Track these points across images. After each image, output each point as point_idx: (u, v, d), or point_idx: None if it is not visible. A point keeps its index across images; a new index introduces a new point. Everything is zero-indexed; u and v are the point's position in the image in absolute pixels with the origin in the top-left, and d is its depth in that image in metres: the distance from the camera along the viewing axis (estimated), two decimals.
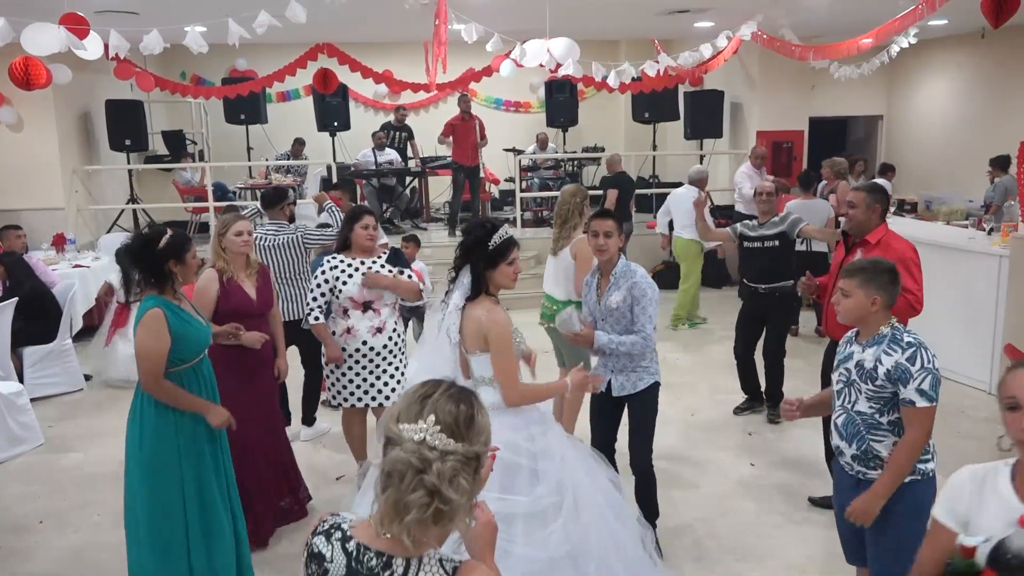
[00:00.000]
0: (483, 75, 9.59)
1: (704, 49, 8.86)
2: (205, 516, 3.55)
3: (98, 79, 10.22)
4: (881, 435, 2.92)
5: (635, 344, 3.88)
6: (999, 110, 10.36)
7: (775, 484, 5.03)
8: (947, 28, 10.33)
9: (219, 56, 11.02)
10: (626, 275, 3.95)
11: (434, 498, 1.51)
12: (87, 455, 5.70)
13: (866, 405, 2.93)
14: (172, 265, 3.46)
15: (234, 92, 10.01)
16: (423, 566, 1.57)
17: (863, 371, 2.91)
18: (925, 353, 2.82)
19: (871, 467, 2.95)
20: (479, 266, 3.30)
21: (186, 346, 3.47)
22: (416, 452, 1.52)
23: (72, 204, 9.89)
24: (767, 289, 5.88)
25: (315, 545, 1.65)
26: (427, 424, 1.54)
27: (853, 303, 2.95)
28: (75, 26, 5.45)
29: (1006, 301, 6.31)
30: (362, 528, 1.63)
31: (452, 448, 1.54)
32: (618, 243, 3.97)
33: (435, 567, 1.57)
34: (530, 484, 3.09)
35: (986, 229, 7.13)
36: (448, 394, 1.60)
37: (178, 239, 3.50)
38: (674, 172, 13.74)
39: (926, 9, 5.82)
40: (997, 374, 6.42)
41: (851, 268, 3.01)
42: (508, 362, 3.22)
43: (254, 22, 6.18)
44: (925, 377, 2.79)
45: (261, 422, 4.35)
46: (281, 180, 11.13)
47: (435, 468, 1.51)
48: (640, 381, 4.01)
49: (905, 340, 2.86)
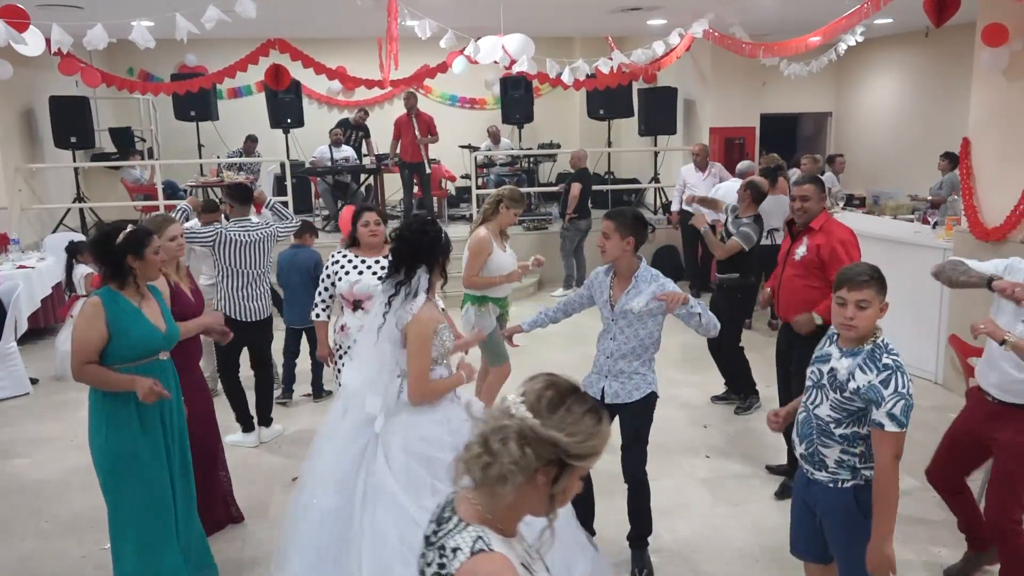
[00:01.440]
0: (438, 71, 9.55)
1: (657, 46, 8.94)
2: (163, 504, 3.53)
3: (41, 75, 9.96)
4: (831, 444, 2.91)
5: (710, 322, 3.77)
6: (942, 107, 10.64)
7: (730, 475, 5.11)
8: (892, 27, 10.58)
9: (167, 51, 10.79)
10: (649, 280, 3.80)
11: (484, 450, 1.62)
12: (34, 460, 5.55)
13: (827, 411, 2.91)
14: (131, 260, 3.40)
15: (183, 88, 9.83)
16: (465, 530, 1.65)
17: (835, 379, 2.88)
18: (900, 378, 2.75)
19: (817, 468, 2.96)
20: (440, 261, 3.31)
21: (127, 344, 3.39)
22: (501, 413, 1.65)
23: (16, 203, 9.62)
24: (719, 280, 6.27)
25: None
26: (515, 396, 1.66)
27: (870, 315, 2.85)
28: (14, 19, 5.29)
29: (950, 293, 6.48)
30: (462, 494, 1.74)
31: (522, 415, 1.62)
32: (623, 245, 3.76)
33: (469, 538, 1.64)
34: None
35: (931, 223, 7.31)
36: (553, 381, 1.69)
37: (138, 235, 3.44)
38: (628, 169, 13.86)
39: (871, 8, 5.94)
40: (943, 364, 6.60)
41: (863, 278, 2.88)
42: (422, 360, 3.24)
43: (202, 17, 6.06)
44: (897, 402, 2.72)
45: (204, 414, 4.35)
46: (234, 178, 10.96)
47: (500, 425, 1.63)
48: (636, 390, 3.87)
49: (883, 361, 2.78)
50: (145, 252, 3.44)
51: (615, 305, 3.83)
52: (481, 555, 1.61)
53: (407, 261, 3.32)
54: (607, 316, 3.90)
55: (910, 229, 7.43)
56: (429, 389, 3.28)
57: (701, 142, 10.36)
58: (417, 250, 3.31)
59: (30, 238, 9.53)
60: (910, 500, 4.71)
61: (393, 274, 3.35)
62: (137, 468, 3.45)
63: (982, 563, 3.94)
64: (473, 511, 1.67)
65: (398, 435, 3.21)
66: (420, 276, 3.30)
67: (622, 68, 9.20)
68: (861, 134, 12.62)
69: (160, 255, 3.55)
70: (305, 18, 8.69)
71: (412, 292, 3.29)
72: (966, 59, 6.69)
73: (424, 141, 10.58)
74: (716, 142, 11.06)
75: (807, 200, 4.59)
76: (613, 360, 3.86)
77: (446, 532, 1.67)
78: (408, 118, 10.62)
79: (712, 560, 4.17)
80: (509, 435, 1.61)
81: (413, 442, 3.17)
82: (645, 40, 9.56)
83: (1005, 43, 5.79)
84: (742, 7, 8.43)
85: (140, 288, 3.49)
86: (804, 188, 4.63)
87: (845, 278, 2.88)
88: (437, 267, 3.36)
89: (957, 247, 6.39)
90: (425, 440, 3.17)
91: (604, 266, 4.00)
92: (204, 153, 12.25)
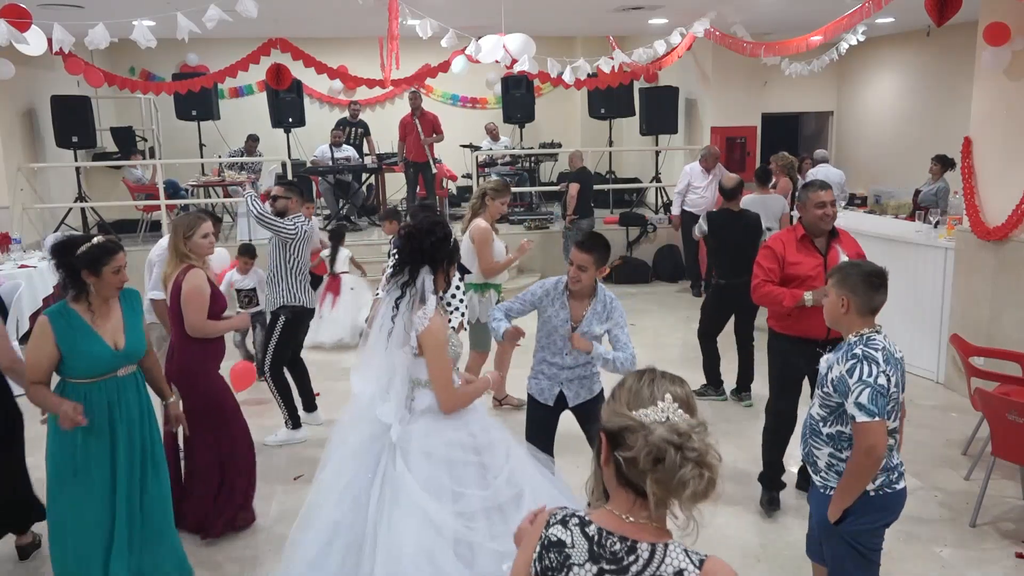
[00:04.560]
0: (439, 71, 9.55)
1: (658, 46, 8.94)
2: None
3: (42, 74, 9.96)
4: (819, 443, 2.95)
5: (625, 361, 3.79)
6: (944, 106, 10.62)
7: (731, 474, 5.10)
8: (894, 26, 10.56)
9: (169, 51, 10.83)
10: (604, 302, 3.91)
11: (703, 468, 1.52)
12: (33, 460, 5.52)
13: (817, 410, 2.96)
14: (86, 275, 3.33)
15: (185, 88, 9.82)
16: (668, 552, 1.57)
17: (822, 376, 2.92)
18: (867, 366, 2.73)
19: (813, 471, 3.01)
20: (444, 264, 3.21)
21: (79, 361, 3.35)
22: (671, 430, 1.54)
23: (17, 203, 9.62)
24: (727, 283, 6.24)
25: (552, 535, 1.65)
26: (666, 404, 1.57)
27: (828, 303, 2.97)
28: (16, 19, 5.30)
29: (951, 292, 6.48)
30: (603, 514, 1.64)
31: (696, 421, 1.57)
32: (594, 276, 3.86)
33: (681, 555, 1.57)
34: (481, 478, 3.05)
35: (932, 222, 7.30)
36: (667, 378, 1.64)
37: (98, 251, 3.34)
38: (629, 168, 13.86)
39: (873, 7, 5.94)
40: (944, 364, 6.59)
41: (834, 268, 3.06)
42: (445, 369, 3.13)
43: (203, 16, 6.07)
44: (862, 391, 2.71)
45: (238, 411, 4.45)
46: (235, 177, 10.98)
47: (694, 440, 1.53)
48: (595, 385, 4.05)
49: (853, 352, 2.79)
50: (102, 270, 3.34)
51: (576, 327, 3.89)
52: (707, 562, 1.57)
53: (410, 261, 3.16)
54: (564, 334, 3.91)
55: (911, 228, 7.42)
56: (458, 397, 3.19)
57: (711, 145, 10.32)
58: (422, 250, 3.15)
59: (32, 237, 9.53)
60: (911, 500, 4.67)
61: (397, 274, 3.19)
62: (77, 480, 3.43)
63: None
64: (648, 531, 1.59)
65: (417, 442, 3.11)
66: (424, 278, 3.14)
67: (623, 67, 9.20)
68: (862, 133, 12.60)
69: (121, 275, 3.43)
70: (306, 17, 8.69)
71: (419, 295, 3.13)
72: (968, 58, 6.68)
73: (429, 141, 10.57)
74: (717, 141, 11.06)
75: (834, 205, 4.26)
76: (571, 370, 3.97)
77: (645, 563, 1.57)
78: (412, 118, 10.60)
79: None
80: (708, 443, 1.55)
81: (436, 447, 3.10)
82: (646, 39, 9.55)
83: (1007, 42, 5.78)
84: (743, 6, 8.42)
85: (92, 305, 3.40)
86: (832, 193, 4.26)
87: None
88: (441, 271, 3.20)
89: (958, 246, 6.39)
90: (448, 445, 3.10)
91: (553, 279, 4.02)
92: (205, 152, 12.25)
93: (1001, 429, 4.26)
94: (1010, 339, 5.82)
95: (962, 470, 5.04)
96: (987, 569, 4.01)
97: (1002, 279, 6.03)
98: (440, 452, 3.08)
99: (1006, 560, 4.08)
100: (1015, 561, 4.06)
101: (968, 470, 4.99)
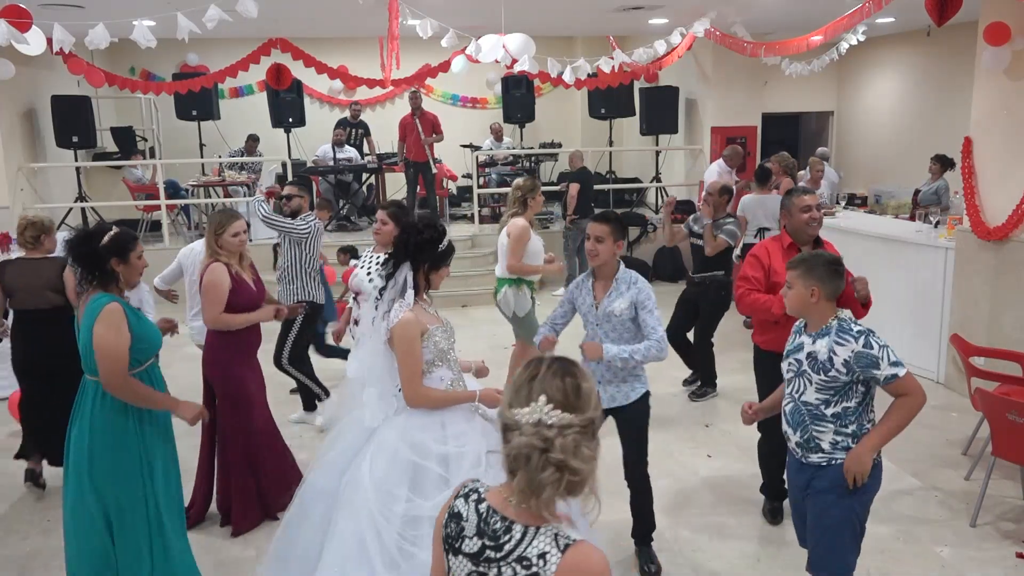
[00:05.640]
0: (439, 71, 9.55)
1: (658, 45, 8.94)
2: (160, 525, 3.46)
3: (43, 74, 9.96)
4: (824, 426, 3.03)
5: (650, 349, 3.67)
6: (944, 106, 10.63)
7: (732, 474, 5.11)
8: (894, 26, 10.57)
9: (169, 51, 10.82)
10: (627, 281, 3.79)
11: (564, 472, 1.57)
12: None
13: (813, 395, 3.03)
14: (115, 264, 3.34)
15: (185, 88, 9.82)
16: (539, 535, 1.63)
17: (815, 362, 3.00)
18: (875, 336, 2.95)
19: (812, 452, 3.07)
20: (424, 266, 3.23)
21: (145, 346, 3.38)
22: (536, 433, 1.58)
23: (17, 203, 9.61)
24: (700, 278, 6.34)
25: (455, 506, 1.76)
26: (539, 404, 1.60)
27: (794, 294, 3.08)
28: (16, 19, 5.30)
29: (952, 292, 6.48)
30: (495, 493, 1.73)
31: (568, 421, 1.59)
32: (613, 249, 3.74)
33: (549, 539, 1.62)
34: (437, 489, 2.96)
35: (932, 222, 7.30)
36: (551, 371, 1.65)
37: (123, 237, 3.38)
38: (630, 168, 13.86)
39: (873, 7, 5.95)
40: (944, 364, 6.59)
41: (793, 261, 3.15)
42: (411, 363, 3.12)
43: (203, 16, 6.07)
44: (887, 352, 2.91)
45: (265, 406, 4.58)
46: (235, 177, 10.98)
47: (558, 444, 1.57)
48: (632, 391, 3.84)
49: (855, 330, 2.96)
50: (130, 256, 3.37)
51: (599, 306, 3.81)
52: (571, 548, 1.61)
53: (395, 255, 3.27)
54: (592, 321, 3.86)
55: (911, 228, 7.42)
56: (423, 394, 3.14)
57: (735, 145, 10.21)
58: (407, 245, 3.23)
59: None
60: (911, 500, 4.72)
61: (385, 263, 3.34)
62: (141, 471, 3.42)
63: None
64: (527, 514, 1.65)
65: (392, 435, 3.12)
66: (405, 273, 3.20)
67: (623, 67, 9.20)
68: (863, 133, 12.61)
69: (143, 260, 3.47)
70: (306, 17, 8.69)
71: (399, 289, 3.20)
72: (968, 58, 6.68)
73: (429, 141, 10.57)
74: (717, 141, 11.05)
75: (819, 209, 4.19)
76: (606, 366, 3.79)
77: (516, 543, 1.64)
78: (412, 118, 10.61)
79: (714, 559, 4.17)
80: (579, 445, 1.58)
81: (401, 449, 3.07)
82: (647, 39, 9.55)
83: (1007, 42, 5.78)
84: (743, 6, 8.43)
85: (122, 293, 3.41)
86: (817, 198, 4.22)
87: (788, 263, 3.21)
88: (421, 270, 3.23)
89: (959, 246, 6.39)
90: (413, 447, 3.06)
91: (582, 274, 3.99)
92: (206, 152, 12.24)
93: (1001, 429, 4.26)
94: (1010, 339, 5.82)
95: (962, 470, 5.04)
96: (987, 569, 4.01)
97: (1002, 279, 6.03)
98: (403, 454, 3.06)
99: (1006, 560, 4.08)
100: (1015, 561, 4.06)
101: (968, 470, 4.99)
